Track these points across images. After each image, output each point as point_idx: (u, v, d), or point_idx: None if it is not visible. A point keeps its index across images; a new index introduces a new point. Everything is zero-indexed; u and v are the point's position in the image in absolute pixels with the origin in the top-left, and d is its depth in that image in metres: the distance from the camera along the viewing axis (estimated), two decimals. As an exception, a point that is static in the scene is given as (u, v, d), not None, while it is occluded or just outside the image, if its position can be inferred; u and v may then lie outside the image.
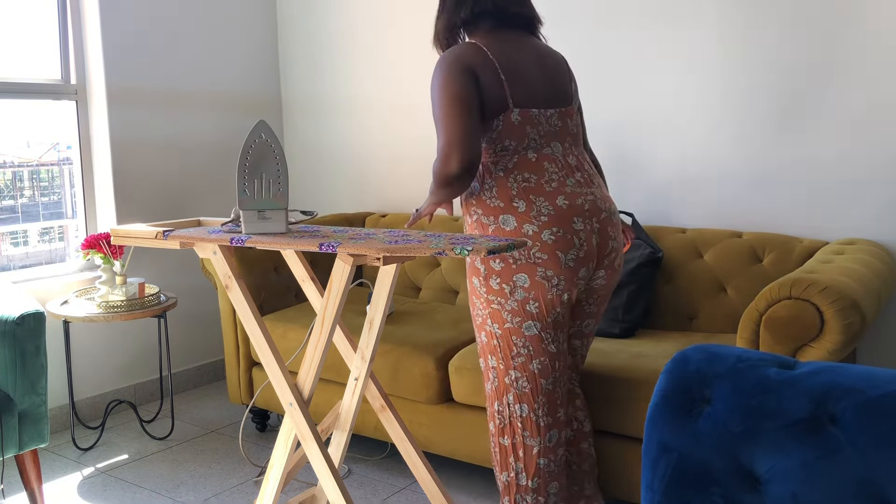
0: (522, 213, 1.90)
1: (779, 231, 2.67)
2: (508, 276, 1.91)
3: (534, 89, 1.95)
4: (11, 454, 2.27)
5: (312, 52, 3.81)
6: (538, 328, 1.94)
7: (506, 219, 1.91)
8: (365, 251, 1.63)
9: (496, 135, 1.93)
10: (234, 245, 1.75)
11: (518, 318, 1.93)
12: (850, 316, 1.77)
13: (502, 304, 1.93)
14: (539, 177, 1.92)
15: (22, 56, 3.14)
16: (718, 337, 2.53)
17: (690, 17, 2.77)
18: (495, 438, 2.04)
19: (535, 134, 1.94)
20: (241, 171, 1.74)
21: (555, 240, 1.88)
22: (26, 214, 3.22)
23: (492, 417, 2.04)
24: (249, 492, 2.60)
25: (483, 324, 1.99)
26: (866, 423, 1.01)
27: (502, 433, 2.02)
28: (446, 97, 1.87)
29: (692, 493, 1.12)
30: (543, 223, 1.89)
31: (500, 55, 1.92)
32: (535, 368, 1.96)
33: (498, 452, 2.04)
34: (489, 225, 1.93)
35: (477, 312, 2.00)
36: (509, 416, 2.00)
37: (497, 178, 1.93)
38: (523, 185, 1.91)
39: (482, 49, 1.92)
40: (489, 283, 1.93)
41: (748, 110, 2.71)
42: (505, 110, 1.91)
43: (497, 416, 2.02)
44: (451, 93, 1.87)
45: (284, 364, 1.84)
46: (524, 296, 1.91)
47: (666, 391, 1.17)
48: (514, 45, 1.97)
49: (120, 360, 3.35)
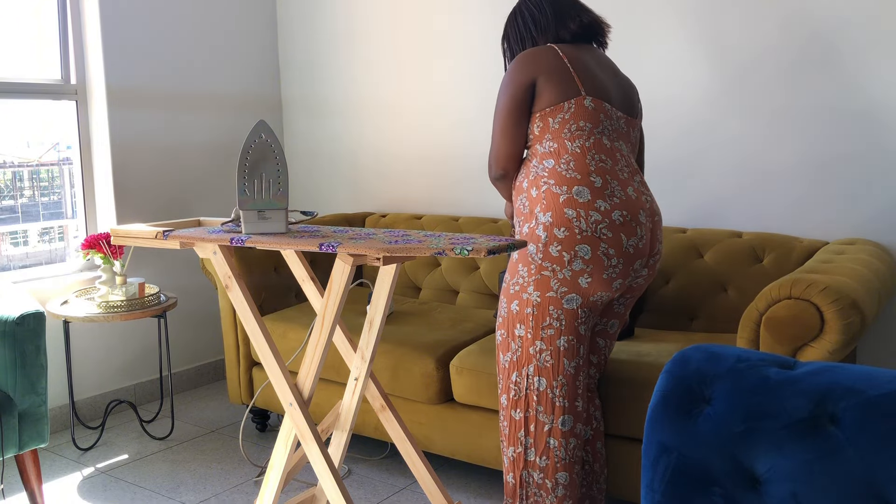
0: (598, 188, 1.94)
1: (779, 231, 2.67)
2: (571, 245, 1.92)
3: (606, 88, 2.05)
4: (11, 454, 2.27)
5: (312, 52, 3.81)
6: (577, 304, 1.96)
7: (580, 190, 1.93)
8: (365, 251, 1.63)
9: (569, 115, 1.99)
10: (234, 245, 1.75)
11: (564, 289, 1.95)
12: (850, 316, 1.77)
13: (555, 271, 1.94)
14: (614, 163, 1.99)
15: (22, 56, 3.14)
16: (718, 337, 2.53)
17: (689, 12, 2.78)
18: (506, 412, 2.03)
19: (608, 124, 2.03)
20: (241, 171, 1.74)
21: (622, 223, 1.93)
22: (26, 214, 3.23)
23: (506, 390, 2.04)
24: (249, 492, 2.60)
25: (521, 291, 1.99)
26: (866, 423, 1.01)
27: (515, 405, 2.01)
28: (501, 107, 2.04)
29: (692, 493, 1.12)
30: (615, 204, 1.94)
31: (571, 55, 2.04)
32: (561, 345, 1.97)
33: (507, 426, 2.03)
34: (561, 195, 1.94)
35: (517, 280, 2.00)
36: (526, 388, 2.00)
37: (574, 154, 1.97)
38: (600, 164, 1.97)
39: (553, 49, 2.04)
40: (548, 249, 1.94)
41: (748, 110, 2.71)
42: (577, 95, 1.99)
43: (513, 388, 2.02)
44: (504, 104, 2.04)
45: (284, 364, 1.84)
46: (581, 267, 1.93)
47: (666, 391, 1.17)
48: (588, 52, 2.11)
49: (120, 360, 3.35)
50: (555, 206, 1.94)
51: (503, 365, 2.05)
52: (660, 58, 2.85)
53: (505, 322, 2.04)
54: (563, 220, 1.92)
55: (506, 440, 2.04)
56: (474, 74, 3.28)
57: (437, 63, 3.40)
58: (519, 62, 2.03)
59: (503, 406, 2.05)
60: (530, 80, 1.99)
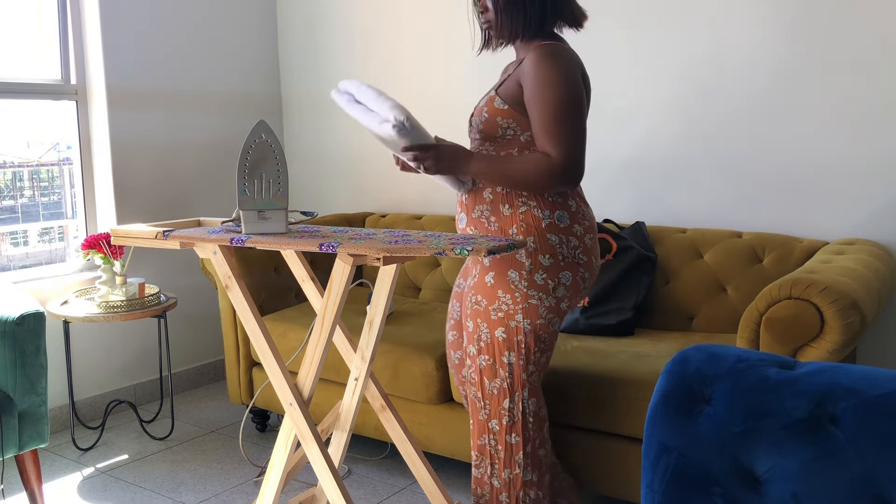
0: (574, 213, 1.93)
1: (779, 231, 2.67)
2: (556, 273, 1.90)
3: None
4: (11, 454, 2.27)
5: (312, 52, 3.81)
6: (559, 325, 1.98)
7: (561, 215, 1.91)
8: (365, 251, 1.63)
9: None
10: (234, 245, 1.75)
11: (551, 315, 1.93)
12: (850, 316, 1.77)
13: (542, 299, 1.90)
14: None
15: (22, 56, 3.14)
16: (718, 337, 2.53)
17: (691, 14, 2.78)
18: (500, 436, 1.98)
19: None
20: (241, 171, 1.74)
21: (592, 245, 1.97)
22: (26, 214, 3.23)
23: (496, 416, 1.98)
24: (249, 492, 2.60)
25: (507, 319, 1.92)
26: (866, 423, 1.01)
27: (510, 431, 1.97)
28: (574, 99, 1.82)
29: (692, 493, 1.12)
30: (587, 227, 1.95)
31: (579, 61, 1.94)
32: (544, 362, 1.99)
33: (503, 451, 1.99)
34: (543, 219, 1.89)
35: (499, 306, 1.92)
36: (522, 411, 1.97)
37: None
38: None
39: (576, 53, 1.92)
40: (533, 277, 1.89)
41: (748, 110, 2.71)
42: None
43: (507, 414, 1.97)
44: (576, 96, 1.83)
45: (284, 364, 1.84)
46: (563, 293, 1.92)
47: (666, 391, 1.17)
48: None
49: (120, 360, 3.35)
50: (538, 231, 1.89)
51: (490, 391, 1.98)
52: (659, 57, 2.85)
53: (489, 348, 1.95)
54: (547, 248, 1.89)
55: (499, 465, 1.99)
56: (474, 74, 3.28)
57: (437, 63, 3.40)
58: (566, 57, 1.86)
59: (494, 432, 1.99)
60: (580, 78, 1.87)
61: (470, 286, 2.00)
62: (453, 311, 2.16)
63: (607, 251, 2.71)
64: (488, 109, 1.93)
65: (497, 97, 1.92)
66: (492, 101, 1.93)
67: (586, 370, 2.25)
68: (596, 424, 2.22)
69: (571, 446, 2.27)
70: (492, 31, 1.96)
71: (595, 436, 2.24)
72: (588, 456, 2.25)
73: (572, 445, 2.27)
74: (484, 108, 1.94)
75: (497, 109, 1.91)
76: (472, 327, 1.98)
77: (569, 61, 1.85)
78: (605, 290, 2.64)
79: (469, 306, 1.99)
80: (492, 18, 1.92)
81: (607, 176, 3.00)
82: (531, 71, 1.84)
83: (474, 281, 1.98)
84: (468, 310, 1.99)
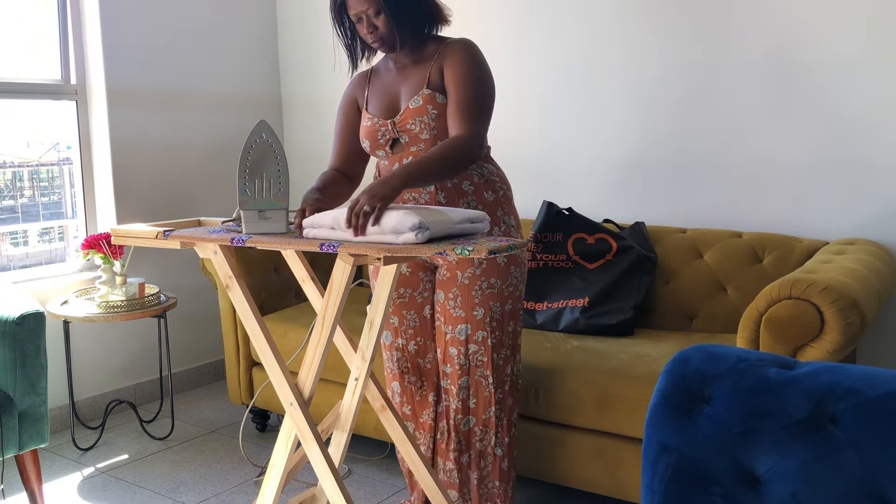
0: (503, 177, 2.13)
1: (779, 231, 2.67)
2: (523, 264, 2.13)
3: None
4: (11, 454, 2.27)
5: (312, 52, 3.81)
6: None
7: (510, 206, 2.12)
8: (365, 251, 1.63)
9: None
10: (234, 245, 1.75)
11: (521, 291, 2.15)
12: (850, 316, 1.77)
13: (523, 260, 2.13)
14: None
15: (22, 56, 3.14)
16: (718, 337, 2.53)
17: (690, 13, 2.78)
18: (503, 403, 2.11)
19: None
20: (241, 170, 1.74)
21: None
22: (26, 214, 3.23)
23: (501, 384, 2.10)
24: (249, 492, 2.60)
25: (515, 290, 2.09)
26: (866, 423, 1.01)
27: (511, 394, 2.13)
28: (493, 90, 2.00)
29: (692, 493, 1.12)
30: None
31: None
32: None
33: (505, 417, 2.12)
34: (507, 190, 2.12)
35: (512, 281, 2.07)
36: (517, 372, 2.15)
37: (496, 167, 2.12)
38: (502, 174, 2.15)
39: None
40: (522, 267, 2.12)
41: (749, 110, 2.71)
42: None
43: (508, 380, 2.11)
44: (494, 87, 2.02)
45: (285, 364, 1.84)
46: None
47: (666, 391, 1.17)
48: None
49: (120, 360, 3.35)
50: (514, 212, 2.11)
51: (497, 363, 2.09)
52: (658, 57, 2.85)
53: (499, 325, 2.07)
54: (519, 225, 2.13)
55: (502, 431, 2.11)
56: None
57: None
58: (481, 54, 2.03)
59: (498, 401, 2.10)
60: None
61: (469, 276, 2.04)
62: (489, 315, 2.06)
63: (607, 251, 2.71)
64: (435, 107, 1.98)
65: (437, 93, 1.98)
66: (433, 98, 1.97)
67: (586, 370, 2.25)
68: (596, 424, 2.22)
69: (571, 446, 2.27)
70: (382, 46, 2.01)
71: (595, 436, 2.24)
72: (588, 456, 2.25)
73: (572, 445, 2.27)
74: (428, 106, 1.98)
75: (441, 104, 1.98)
76: (481, 314, 2.05)
77: (485, 61, 2.03)
78: (605, 290, 2.64)
79: (478, 294, 2.04)
80: (384, 33, 1.97)
81: (607, 176, 3.00)
82: (460, 59, 1.97)
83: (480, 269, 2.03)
84: (476, 298, 2.04)
